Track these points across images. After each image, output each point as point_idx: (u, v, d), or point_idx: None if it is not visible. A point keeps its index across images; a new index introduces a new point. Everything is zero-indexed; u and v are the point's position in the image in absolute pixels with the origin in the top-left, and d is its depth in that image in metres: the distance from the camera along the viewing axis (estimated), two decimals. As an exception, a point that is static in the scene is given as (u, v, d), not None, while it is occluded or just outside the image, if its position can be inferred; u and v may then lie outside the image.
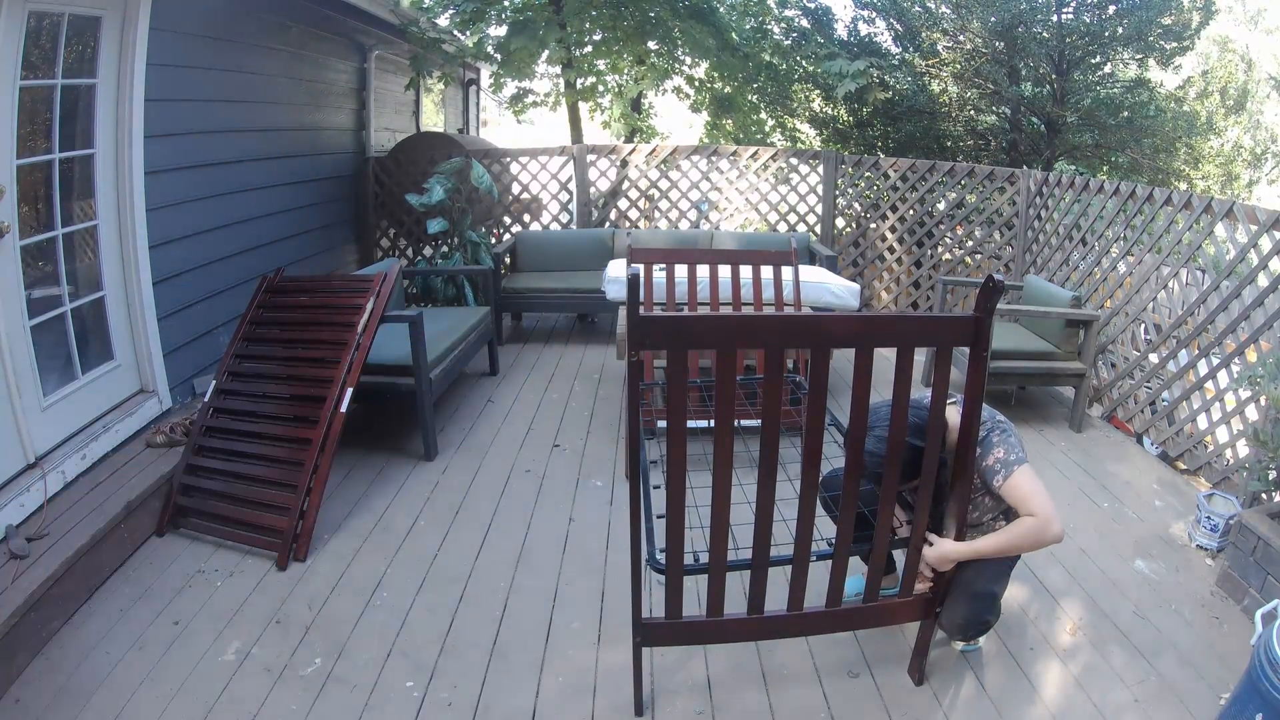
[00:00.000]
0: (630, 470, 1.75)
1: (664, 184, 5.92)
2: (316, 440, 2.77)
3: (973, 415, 1.73)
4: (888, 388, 1.73)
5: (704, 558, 1.81)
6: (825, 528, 1.95)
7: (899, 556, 2.03)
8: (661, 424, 2.73)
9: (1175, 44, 7.40)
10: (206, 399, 3.03)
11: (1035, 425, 3.92)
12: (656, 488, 1.87)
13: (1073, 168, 7.88)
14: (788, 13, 8.66)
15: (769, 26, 8.67)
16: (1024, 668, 2.16)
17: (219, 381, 3.07)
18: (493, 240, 5.87)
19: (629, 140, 9.25)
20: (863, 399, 1.67)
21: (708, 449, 1.86)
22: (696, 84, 8.71)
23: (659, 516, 1.79)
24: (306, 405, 2.90)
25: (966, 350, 1.67)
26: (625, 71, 8.00)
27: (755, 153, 5.76)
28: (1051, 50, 7.11)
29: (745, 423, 2.47)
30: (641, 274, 2.74)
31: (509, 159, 5.86)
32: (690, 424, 1.67)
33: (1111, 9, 7.20)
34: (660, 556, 1.82)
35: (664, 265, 3.50)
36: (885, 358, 1.84)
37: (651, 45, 7.53)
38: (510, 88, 7.65)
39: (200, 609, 2.35)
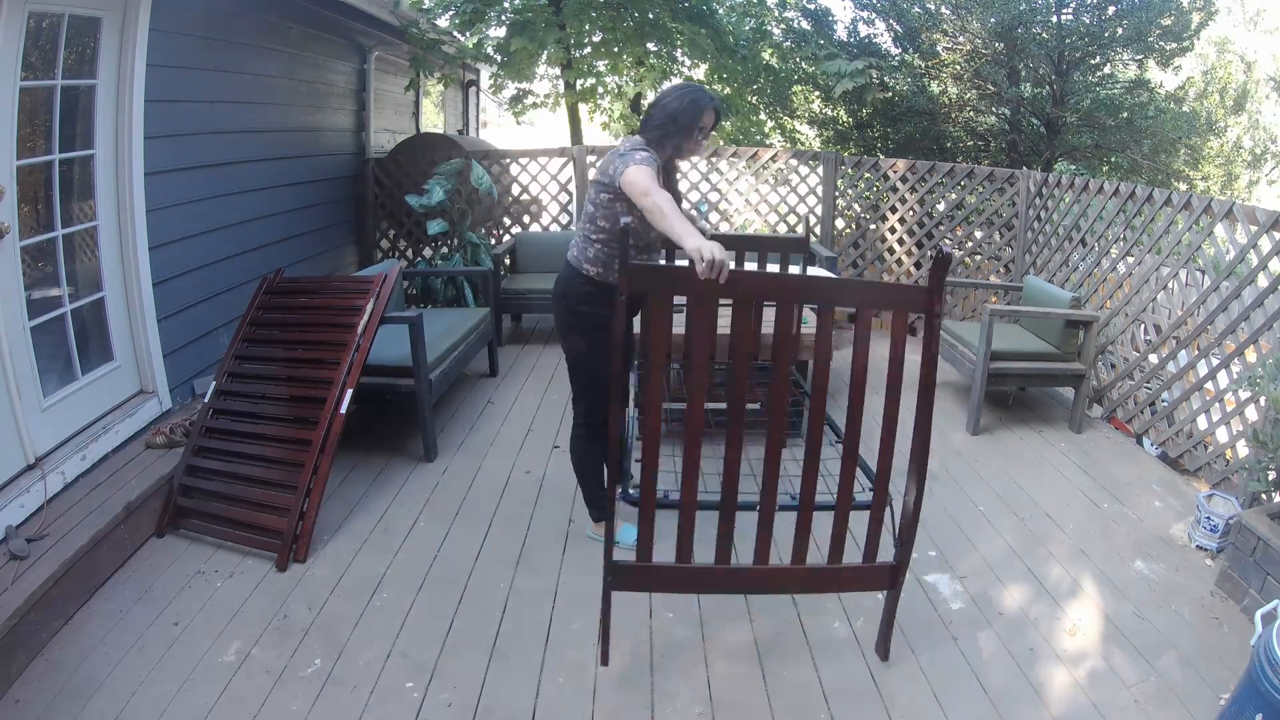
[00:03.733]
0: (614, 399, 1.85)
1: (664, 185, 5.91)
2: (316, 441, 2.77)
3: (929, 375, 1.85)
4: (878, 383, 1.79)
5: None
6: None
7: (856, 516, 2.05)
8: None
9: (1175, 45, 7.41)
10: (206, 400, 3.03)
11: (1035, 426, 3.92)
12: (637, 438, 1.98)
13: (1072, 169, 7.88)
14: (787, 14, 8.68)
15: (769, 28, 8.67)
16: (1024, 668, 2.16)
17: (218, 383, 3.07)
18: (492, 241, 5.87)
19: (629, 141, 9.23)
20: (824, 363, 1.86)
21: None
22: (696, 85, 8.70)
23: (636, 460, 1.89)
24: (306, 406, 2.90)
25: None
26: (625, 73, 8.00)
27: (755, 154, 5.76)
28: (1051, 51, 7.12)
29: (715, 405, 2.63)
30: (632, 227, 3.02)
31: (509, 160, 5.86)
32: (671, 406, 1.81)
33: (1111, 10, 7.21)
34: (633, 491, 1.89)
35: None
36: (880, 355, 1.85)
37: (651, 47, 7.53)
38: (510, 89, 7.64)
39: (200, 610, 2.35)
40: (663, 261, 2.51)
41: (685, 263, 1.78)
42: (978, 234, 5.49)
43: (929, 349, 1.82)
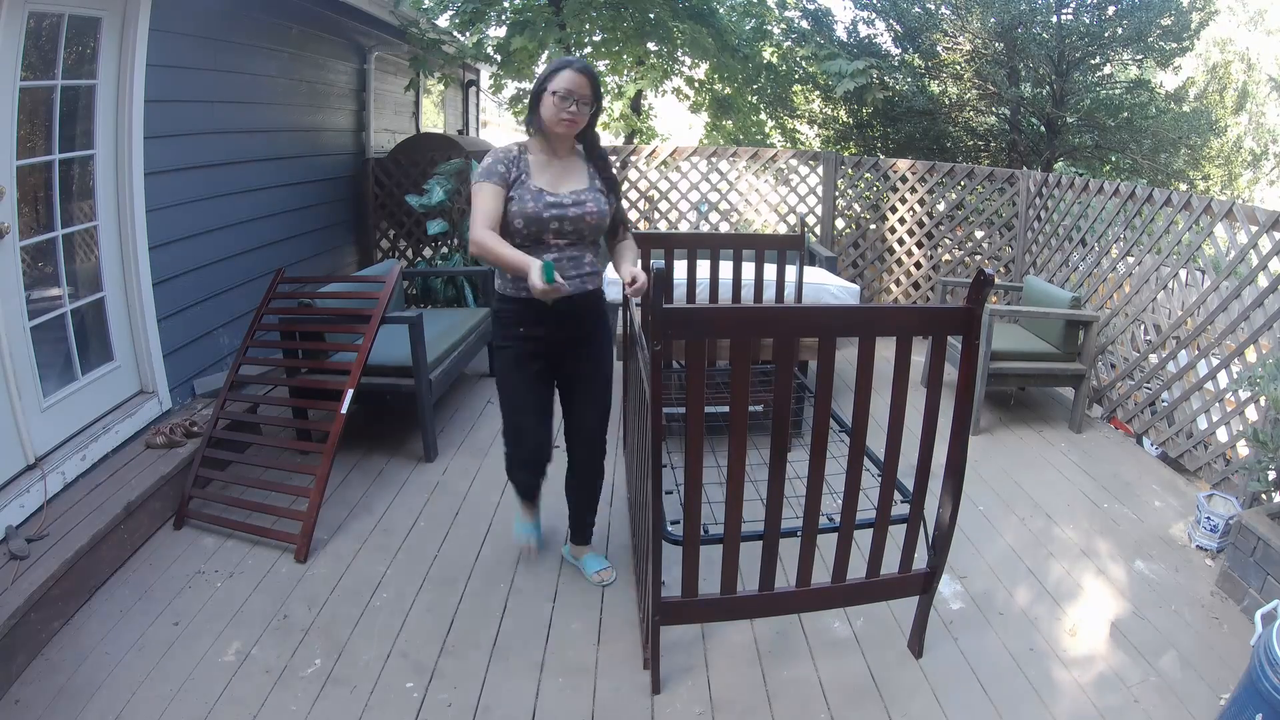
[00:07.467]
0: (652, 444, 1.81)
1: (664, 185, 5.92)
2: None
3: (966, 402, 1.90)
4: (887, 386, 1.83)
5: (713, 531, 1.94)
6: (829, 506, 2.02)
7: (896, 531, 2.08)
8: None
9: (1175, 45, 7.40)
10: (217, 399, 3.03)
11: (1035, 426, 3.92)
12: (664, 466, 1.94)
13: (1072, 169, 7.88)
14: (788, 13, 8.67)
15: (769, 27, 8.67)
16: (1024, 668, 2.16)
17: (222, 385, 3.07)
18: (493, 241, 5.85)
19: (629, 141, 9.25)
20: (864, 390, 1.82)
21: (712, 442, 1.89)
22: (696, 85, 8.71)
23: (667, 492, 1.89)
24: (307, 406, 2.91)
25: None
26: (625, 73, 7.99)
27: (755, 154, 5.76)
28: (1051, 51, 7.11)
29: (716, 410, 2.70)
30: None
31: (509, 160, 5.84)
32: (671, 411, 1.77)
33: (1111, 10, 7.21)
34: (672, 529, 1.90)
35: (683, 254, 3.56)
36: (885, 359, 1.86)
37: (651, 46, 7.53)
38: (510, 88, 7.65)
39: (200, 610, 2.35)
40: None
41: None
42: (978, 234, 5.49)
43: (968, 369, 1.82)
